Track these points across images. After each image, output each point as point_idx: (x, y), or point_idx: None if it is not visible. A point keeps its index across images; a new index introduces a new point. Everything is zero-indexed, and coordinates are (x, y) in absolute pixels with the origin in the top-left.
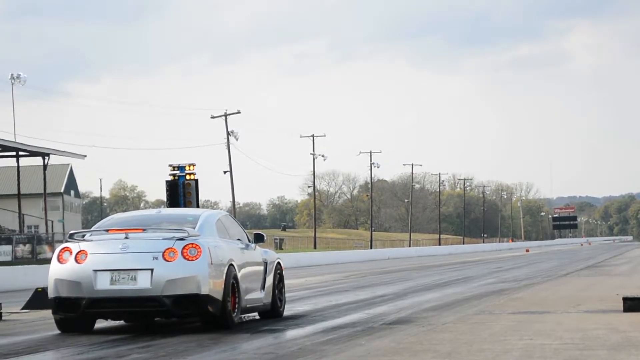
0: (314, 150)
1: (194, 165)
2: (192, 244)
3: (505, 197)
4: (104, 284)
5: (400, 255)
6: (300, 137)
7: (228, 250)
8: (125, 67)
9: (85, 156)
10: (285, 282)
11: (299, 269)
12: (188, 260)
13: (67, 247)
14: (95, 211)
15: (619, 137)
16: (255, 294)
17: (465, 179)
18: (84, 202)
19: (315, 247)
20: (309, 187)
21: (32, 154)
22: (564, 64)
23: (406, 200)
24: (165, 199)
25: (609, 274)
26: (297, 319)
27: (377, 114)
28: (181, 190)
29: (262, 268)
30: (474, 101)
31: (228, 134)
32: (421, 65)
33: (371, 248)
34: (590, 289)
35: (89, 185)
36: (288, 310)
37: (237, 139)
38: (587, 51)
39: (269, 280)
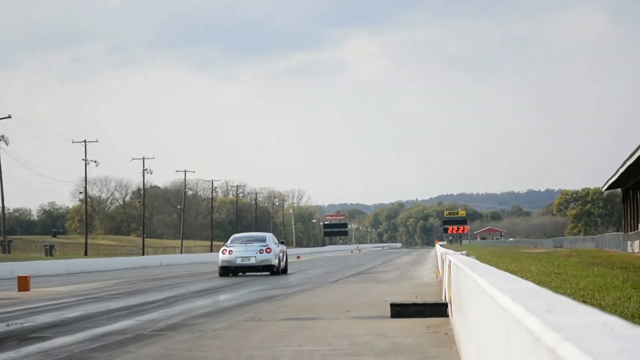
0: (85, 156)
1: None
2: (268, 247)
3: (277, 203)
4: (239, 261)
5: (173, 262)
6: (72, 142)
7: (278, 248)
8: None
9: None
10: (55, 289)
11: (69, 276)
12: (267, 253)
13: (225, 248)
14: None
15: (390, 146)
16: (282, 264)
17: (238, 186)
18: None
19: (86, 254)
20: (80, 193)
21: None
22: (340, 72)
23: (179, 207)
24: None
25: (378, 280)
26: (65, 326)
27: (152, 119)
28: None
29: (283, 253)
30: (250, 108)
31: None
32: (198, 72)
33: (143, 255)
34: (359, 295)
35: None
36: (52, 318)
37: (7, 144)
38: (362, 60)
39: (284, 258)
